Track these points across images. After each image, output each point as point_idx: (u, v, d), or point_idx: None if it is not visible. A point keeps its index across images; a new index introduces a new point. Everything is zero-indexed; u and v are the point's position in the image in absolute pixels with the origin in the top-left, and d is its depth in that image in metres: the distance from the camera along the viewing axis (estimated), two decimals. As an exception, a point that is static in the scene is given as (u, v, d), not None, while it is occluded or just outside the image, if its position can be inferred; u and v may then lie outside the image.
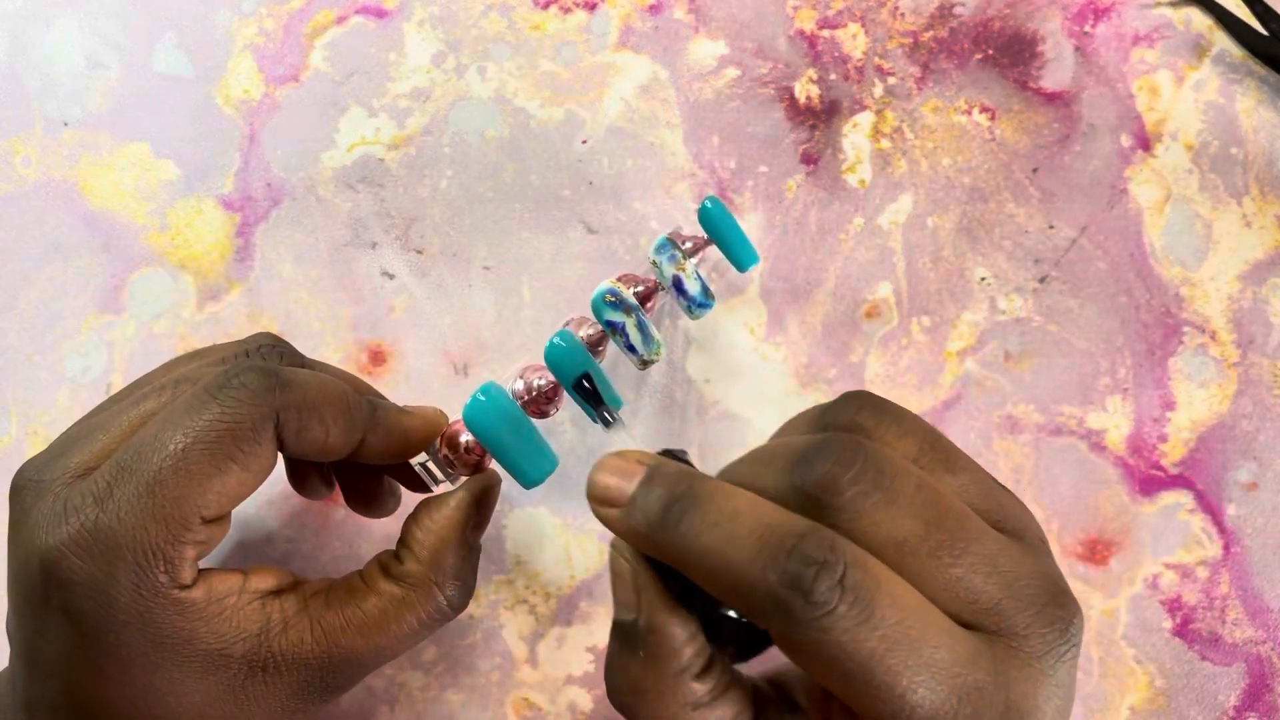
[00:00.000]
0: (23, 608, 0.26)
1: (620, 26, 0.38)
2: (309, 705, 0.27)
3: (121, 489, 0.25)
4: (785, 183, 0.37)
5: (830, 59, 0.38)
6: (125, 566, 0.24)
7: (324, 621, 0.27)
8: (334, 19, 0.39)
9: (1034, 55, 0.38)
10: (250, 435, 0.26)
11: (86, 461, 0.26)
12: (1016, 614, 0.23)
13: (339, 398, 0.28)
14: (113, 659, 0.25)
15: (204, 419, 0.25)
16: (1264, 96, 0.37)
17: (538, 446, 0.28)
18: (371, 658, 0.28)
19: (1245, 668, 0.34)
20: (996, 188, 0.37)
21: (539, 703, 0.34)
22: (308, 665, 0.26)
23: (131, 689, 0.25)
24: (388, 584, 0.28)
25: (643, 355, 0.31)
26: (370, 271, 0.37)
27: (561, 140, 0.38)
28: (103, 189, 0.38)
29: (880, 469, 0.23)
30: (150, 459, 0.25)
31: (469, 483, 0.30)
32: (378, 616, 0.27)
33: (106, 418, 0.27)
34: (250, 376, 0.26)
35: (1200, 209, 0.36)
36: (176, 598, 0.25)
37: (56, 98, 0.38)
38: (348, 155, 0.38)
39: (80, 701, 0.25)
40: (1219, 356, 0.35)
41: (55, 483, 0.26)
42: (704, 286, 0.33)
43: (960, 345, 0.36)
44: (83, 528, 0.24)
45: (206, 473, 0.25)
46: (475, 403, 0.28)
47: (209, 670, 0.25)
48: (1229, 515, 0.35)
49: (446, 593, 0.28)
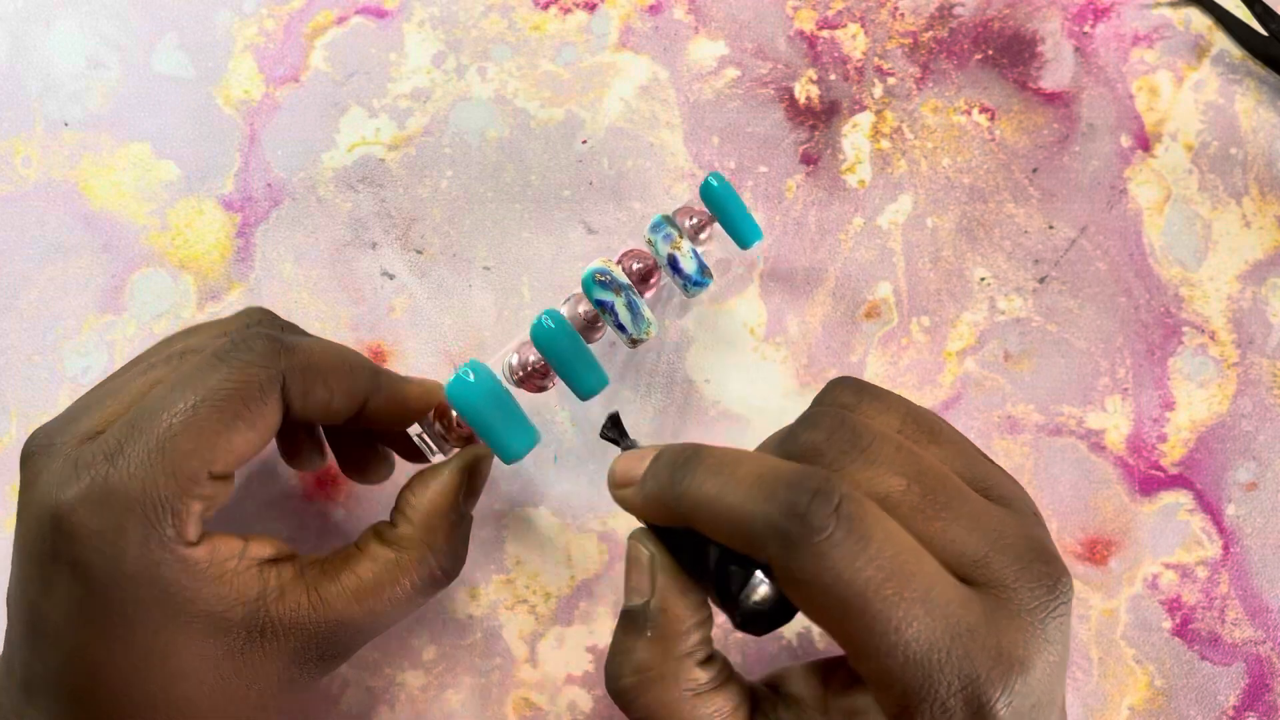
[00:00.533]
0: (30, 569, 0.26)
1: (620, 27, 0.38)
2: (305, 674, 0.28)
3: (132, 445, 0.25)
4: (785, 183, 0.37)
5: (830, 59, 0.38)
6: (134, 519, 0.25)
7: (320, 588, 0.27)
8: (334, 19, 0.39)
9: (1034, 55, 0.38)
10: (258, 395, 0.26)
11: (96, 425, 0.27)
12: (1004, 568, 0.23)
13: (342, 362, 0.29)
14: (118, 616, 0.25)
15: (214, 379, 0.26)
16: (1263, 97, 0.37)
17: (519, 423, 0.29)
18: (367, 622, 0.28)
19: (1245, 667, 0.34)
20: (996, 188, 0.37)
21: (539, 703, 0.34)
22: (304, 631, 0.27)
23: (134, 651, 0.25)
24: (382, 549, 0.29)
25: (631, 334, 0.31)
26: (370, 272, 0.37)
27: (561, 140, 0.38)
28: (103, 189, 0.38)
29: (858, 433, 0.24)
30: (161, 416, 0.26)
31: (461, 454, 0.30)
32: (372, 581, 0.28)
33: (114, 385, 0.28)
34: (258, 341, 0.27)
35: (1200, 209, 0.36)
36: (181, 554, 0.26)
37: (57, 98, 0.38)
38: (348, 155, 0.38)
39: (81, 670, 0.26)
40: (1218, 356, 0.36)
41: (66, 445, 0.26)
42: (700, 264, 0.33)
43: (960, 345, 0.36)
44: (93, 483, 0.25)
45: (215, 429, 0.26)
46: (457, 380, 0.29)
47: (209, 633, 0.26)
48: (1228, 515, 0.35)
49: (439, 558, 0.29)
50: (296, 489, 0.36)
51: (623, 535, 0.35)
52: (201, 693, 0.26)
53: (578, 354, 0.30)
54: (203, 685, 0.26)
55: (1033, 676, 0.23)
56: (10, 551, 0.27)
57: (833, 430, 0.25)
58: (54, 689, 0.26)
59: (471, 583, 0.35)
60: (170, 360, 0.28)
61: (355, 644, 0.29)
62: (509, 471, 0.35)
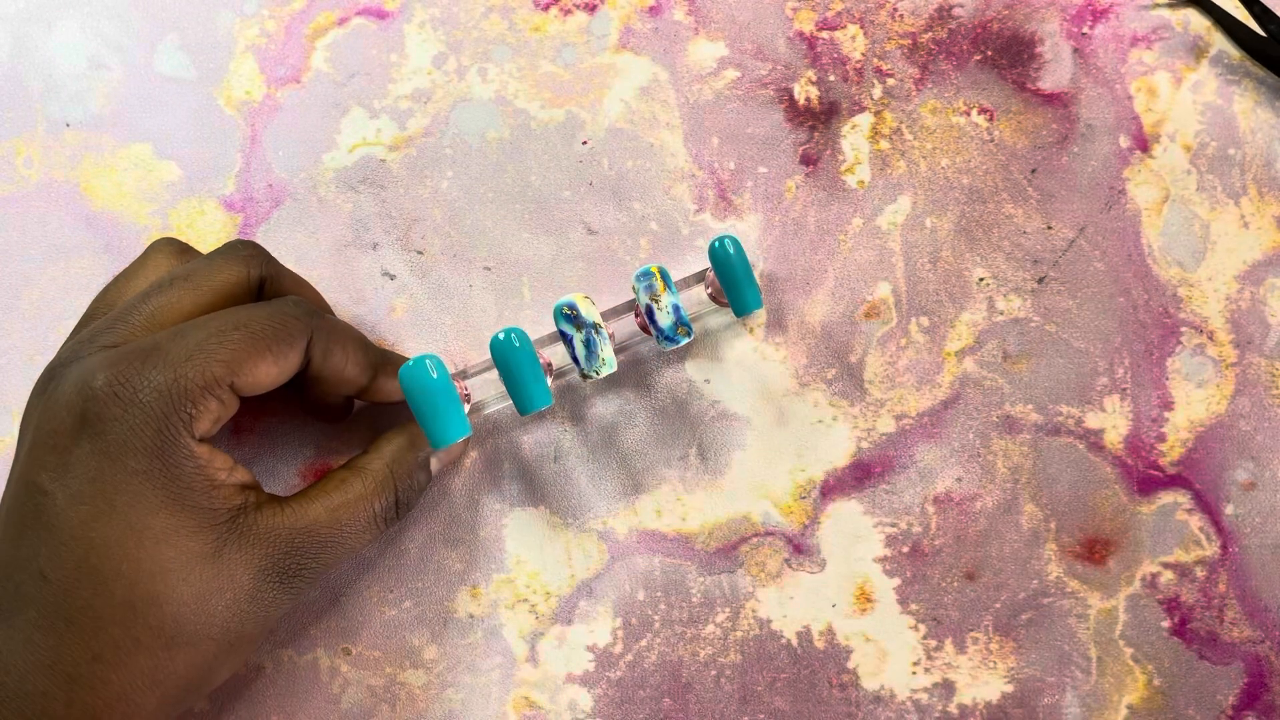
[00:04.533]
0: (44, 456, 0.28)
1: (620, 28, 0.38)
2: (272, 590, 0.30)
3: (170, 347, 0.29)
4: (785, 183, 0.37)
5: (829, 60, 0.38)
6: (159, 403, 0.28)
7: (292, 502, 0.31)
8: (335, 20, 0.39)
9: (1032, 56, 0.38)
10: (287, 338, 0.30)
11: (115, 342, 0.30)
12: None
13: (359, 336, 0.33)
14: (125, 492, 0.28)
15: (256, 316, 0.30)
16: (1262, 97, 0.37)
17: (453, 416, 0.32)
18: (333, 534, 0.31)
19: (1243, 667, 0.34)
20: (995, 189, 0.37)
21: (539, 702, 0.34)
22: (277, 538, 0.30)
23: (131, 533, 0.28)
24: (351, 474, 0.32)
25: (583, 369, 0.32)
26: (371, 272, 0.37)
27: (562, 141, 0.38)
28: (105, 190, 0.38)
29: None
30: (195, 333, 0.29)
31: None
32: (341, 498, 0.31)
33: (124, 311, 0.31)
34: (295, 304, 0.31)
35: (1198, 210, 0.37)
36: (189, 445, 0.29)
37: (59, 99, 0.39)
38: (349, 156, 0.38)
39: (75, 555, 0.27)
40: (1217, 357, 0.36)
41: (94, 353, 0.29)
42: (677, 321, 0.33)
43: (959, 345, 0.36)
44: (128, 371, 0.28)
45: (246, 352, 0.29)
46: (406, 367, 0.31)
47: (197, 528, 0.28)
48: (1227, 515, 0.35)
49: (400, 492, 0.33)
50: (297, 486, 0.36)
51: (622, 535, 0.35)
52: (182, 592, 0.28)
53: (525, 370, 0.32)
54: (185, 583, 0.28)
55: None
56: (26, 426, 0.30)
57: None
58: (39, 579, 0.28)
59: (472, 582, 0.35)
60: (174, 284, 0.31)
61: (319, 561, 0.31)
62: (509, 471, 0.36)
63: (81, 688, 0.27)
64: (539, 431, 0.36)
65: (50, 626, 0.27)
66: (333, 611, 0.35)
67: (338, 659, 0.35)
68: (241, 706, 0.35)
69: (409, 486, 0.33)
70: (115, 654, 0.27)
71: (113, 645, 0.27)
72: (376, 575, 0.35)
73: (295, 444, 0.36)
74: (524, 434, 0.36)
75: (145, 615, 0.28)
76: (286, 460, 0.36)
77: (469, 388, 0.35)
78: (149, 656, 0.28)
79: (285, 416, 0.36)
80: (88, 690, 0.27)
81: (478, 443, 0.36)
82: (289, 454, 0.36)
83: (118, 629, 0.27)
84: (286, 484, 0.36)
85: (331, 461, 0.36)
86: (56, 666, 0.27)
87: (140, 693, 0.28)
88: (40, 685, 0.27)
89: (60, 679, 0.27)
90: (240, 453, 0.36)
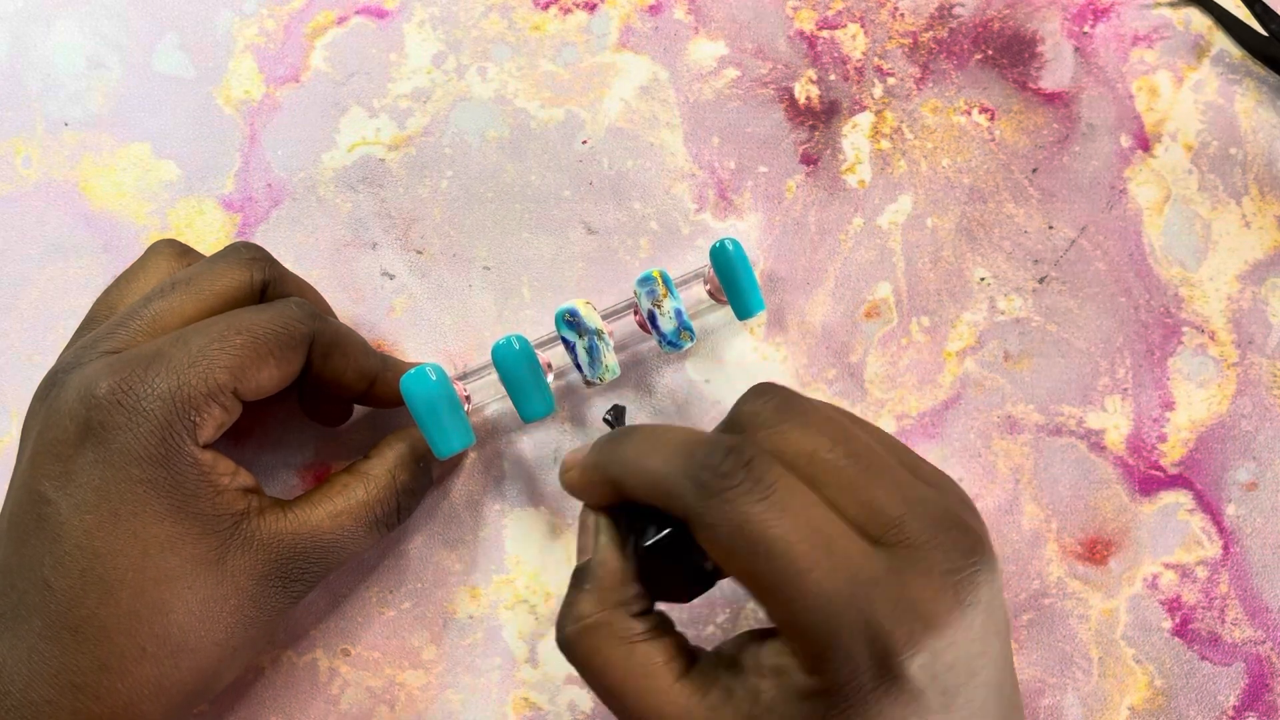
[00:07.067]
0: (48, 465, 0.28)
1: (620, 27, 0.38)
2: (274, 594, 0.30)
3: (173, 353, 0.28)
4: (785, 183, 0.37)
5: (830, 59, 0.38)
6: (163, 410, 0.28)
7: (294, 507, 0.31)
8: (334, 19, 0.39)
9: (1033, 56, 0.38)
10: (289, 342, 0.30)
11: (118, 347, 0.29)
12: (919, 532, 0.24)
13: (360, 341, 0.33)
14: (130, 501, 0.27)
15: (260, 320, 0.30)
16: (1263, 97, 0.37)
17: (456, 427, 0.32)
18: (335, 539, 0.31)
19: (1244, 667, 0.34)
20: (996, 188, 0.37)
21: (539, 702, 0.34)
22: (280, 544, 0.30)
23: (137, 541, 0.27)
24: (354, 479, 0.32)
25: (586, 376, 0.33)
26: (370, 272, 0.37)
27: (562, 141, 0.38)
28: (104, 189, 0.38)
29: (794, 401, 0.26)
30: (198, 339, 0.29)
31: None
32: (341, 504, 0.31)
33: (126, 315, 0.30)
34: (298, 306, 0.31)
35: (1199, 209, 0.36)
36: (193, 452, 0.28)
37: (57, 98, 0.38)
38: (348, 155, 0.38)
39: (80, 563, 0.27)
40: (1218, 356, 0.36)
41: (97, 359, 0.29)
42: (680, 326, 0.33)
43: (960, 345, 0.36)
44: (131, 377, 0.28)
45: (249, 358, 0.29)
46: (408, 377, 0.31)
47: (201, 534, 0.28)
48: (1228, 515, 0.35)
49: (401, 497, 0.33)
50: (297, 488, 0.36)
51: (623, 535, 0.35)
52: (187, 599, 0.28)
53: (528, 380, 0.32)
54: (190, 590, 0.28)
55: (947, 638, 0.23)
56: (28, 433, 0.30)
57: (771, 398, 0.26)
58: (43, 588, 0.27)
59: (472, 583, 0.35)
60: (176, 288, 0.31)
61: (321, 565, 0.31)
62: (509, 472, 0.36)
63: (87, 697, 0.27)
64: (539, 433, 0.36)
65: (55, 636, 0.27)
66: (332, 612, 0.35)
67: (337, 660, 0.35)
68: (241, 707, 0.34)
69: (410, 491, 0.33)
70: (121, 663, 0.27)
71: (119, 654, 0.27)
72: (376, 576, 0.35)
73: (295, 446, 0.36)
74: (524, 435, 0.36)
75: (151, 623, 0.28)
76: (286, 462, 0.36)
77: (469, 389, 0.35)
78: (155, 665, 0.28)
79: (285, 419, 0.36)
80: (93, 700, 0.27)
81: (478, 444, 0.36)
82: (289, 456, 0.36)
83: (124, 638, 0.27)
84: (286, 486, 0.36)
85: (331, 464, 0.36)
86: (61, 676, 0.27)
87: (145, 701, 0.28)
88: (45, 695, 0.27)
89: (65, 689, 0.27)
90: (240, 455, 0.36)
